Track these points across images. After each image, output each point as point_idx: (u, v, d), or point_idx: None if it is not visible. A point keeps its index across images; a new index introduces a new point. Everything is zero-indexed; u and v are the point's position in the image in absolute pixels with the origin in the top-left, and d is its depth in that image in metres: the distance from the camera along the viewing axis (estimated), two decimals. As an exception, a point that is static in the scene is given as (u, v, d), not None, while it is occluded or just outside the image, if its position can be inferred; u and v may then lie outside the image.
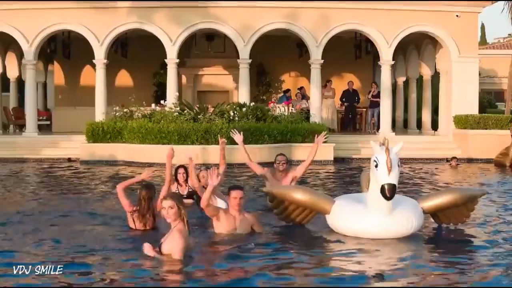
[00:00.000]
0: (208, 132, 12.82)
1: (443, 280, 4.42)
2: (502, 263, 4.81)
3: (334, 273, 4.66)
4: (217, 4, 15.80)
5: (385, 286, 4.27)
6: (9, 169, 13.03)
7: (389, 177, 5.12)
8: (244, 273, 4.61)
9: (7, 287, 4.33)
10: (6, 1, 15.66)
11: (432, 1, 16.22)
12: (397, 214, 5.35)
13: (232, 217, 5.70)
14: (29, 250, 5.32)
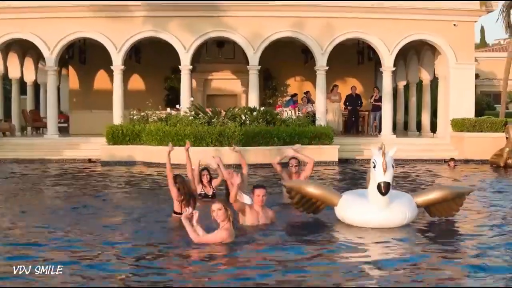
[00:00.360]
0: (221, 134, 13.80)
1: (434, 269, 5.37)
2: (485, 252, 5.75)
3: (338, 257, 5.64)
4: (228, 13, 16.76)
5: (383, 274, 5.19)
6: (37, 169, 14.03)
7: (385, 176, 6.10)
8: (263, 255, 5.58)
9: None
10: (29, 11, 16.63)
11: (431, 11, 17.16)
12: (393, 207, 6.33)
13: (256, 212, 6.64)
14: (95, 240, 6.29)
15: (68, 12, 16.71)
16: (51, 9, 16.62)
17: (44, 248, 5.84)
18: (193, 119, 14.58)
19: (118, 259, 5.46)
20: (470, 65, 17.46)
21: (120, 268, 5.19)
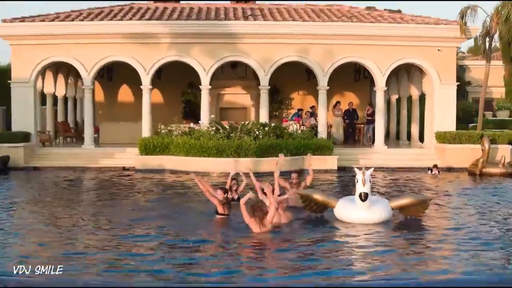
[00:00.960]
0: (239, 147, 16.41)
1: (403, 253, 8.00)
2: (441, 240, 8.38)
3: (335, 240, 8.28)
4: (243, 41, 19.37)
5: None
6: (79, 177, 16.65)
7: (364, 188, 8.74)
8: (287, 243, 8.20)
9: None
10: (71, 38, 19.24)
11: (418, 38, 19.76)
12: (373, 209, 8.95)
13: (278, 214, 9.18)
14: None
15: (104, 39, 19.30)
16: (89, 36, 19.22)
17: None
18: (214, 134, 17.18)
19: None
20: (452, 85, 20.07)
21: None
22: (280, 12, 21.20)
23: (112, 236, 8.59)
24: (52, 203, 11.88)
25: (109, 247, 7.93)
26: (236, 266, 6.98)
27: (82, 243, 8.16)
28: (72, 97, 25.89)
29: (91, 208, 11.29)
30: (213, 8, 21.92)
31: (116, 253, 7.61)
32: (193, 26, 19.30)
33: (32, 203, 11.82)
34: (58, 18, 19.85)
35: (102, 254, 7.50)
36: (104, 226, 9.36)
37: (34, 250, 7.79)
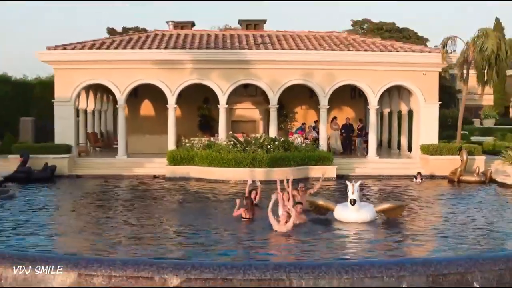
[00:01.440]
0: (254, 159, 19.56)
1: (388, 244, 11.18)
2: (415, 235, 11.56)
3: (334, 235, 11.45)
4: (255, 66, 22.56)
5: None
6: (118, 184, 19.81)
7: (353, 196, 11.91)
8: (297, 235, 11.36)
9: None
10: (107, 63, 22.39)
11: (406, 63, 22.94)
12: (361, 212, 12.10)
13: (296, 217, 12.30)
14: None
15: (135, 64, 22.47)
16: (122, 62, 22.40)
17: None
18: (232, 147, 20.34)
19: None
20: (435, 104, 23.26)
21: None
22: (286, 39, 24.40)
23: (172, 228, 11.80)
24: (110, 206, 15.08)
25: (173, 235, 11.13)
26: (256, 247, 10.18)
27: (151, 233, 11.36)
28: (98, 110, 29.07)
29: (142, 208, 14.50)
30: (228, 35, 25.13)
31: (184, 238, 10.80)
32: (212, 54, 22.49)
33: (93, 205, 15.01)
34: (94, 45, 23.03)
35: (171, 239, 10.69)
36: (155, 222, 12.57)
37: (125, 239, 10.96)
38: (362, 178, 20.46)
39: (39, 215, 13.65)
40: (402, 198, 16.36)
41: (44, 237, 11.21)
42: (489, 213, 14.24)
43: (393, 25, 55.05)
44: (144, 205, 15.32)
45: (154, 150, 23.87)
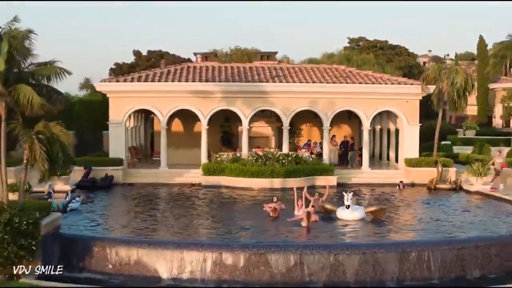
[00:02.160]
0: (273, 171, 25.04)
1: (376, 235, 16.73)
2: (399, 228, 17.11)
3: (336, 230, 17.02)
4: (272, 96, 28.05)
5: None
6: (164, 190, 25.30)
7: (347, 202, 17.49)
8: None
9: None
10: (153, 94, 27.83)
11: (392, 93, 28.46)
12: (354, 213, 17.65)
13: (312, 215, 17.80)
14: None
15: (175, 94, 27.92)
16: (164, 92, 27.88)
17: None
18: (254, 161, 25.83)
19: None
20: (416, 125, 28.78)
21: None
22: (295, 72, 29.95)
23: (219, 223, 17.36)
24: (165, 206, 20.60)
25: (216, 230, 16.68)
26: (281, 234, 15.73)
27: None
28: (137, 127, 34.54)
29: (188, 207, 20.05)
30: (247, 68, 30.67)
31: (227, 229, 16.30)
32: (237, 86, 28.01)
33: (151, 206, 20.54)
34: (141, 78, 28.51)
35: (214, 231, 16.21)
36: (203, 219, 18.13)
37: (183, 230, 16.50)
38: (357, 185, 26.31)
39: (111, 213, 19.31)
40: (387, 202, 21.92)
41: (121, 228, 16.83)
42: (452, 212, 19.89)
43: (386, 43, 60.65)
44: (189, 205, 20.97)
45: (186, 161, 29.39)
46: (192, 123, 31.99)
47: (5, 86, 14.63)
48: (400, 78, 29.53)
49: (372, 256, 14.24)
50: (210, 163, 27.09)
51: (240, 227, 17.15)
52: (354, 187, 25.65)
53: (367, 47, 59.19)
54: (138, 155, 32.80)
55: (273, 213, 18.38)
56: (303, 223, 16.79)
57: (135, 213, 19.87)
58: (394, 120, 30.50)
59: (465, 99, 28.17)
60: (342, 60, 51.02)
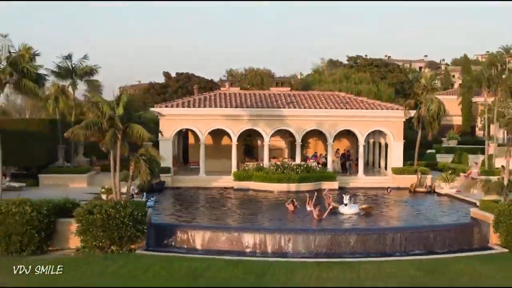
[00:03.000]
0: (290, 178, 32.80)
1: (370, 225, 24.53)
2: (388, 221, 24.91)
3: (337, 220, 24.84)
4: (287, 119, 35.86)
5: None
6: (206, 192, 33.05)
7: (345, 201, 25.41)
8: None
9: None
10: (194, 117, 35.56)
11: (382, 117, 36.22)
12: (351, 209, 25.45)
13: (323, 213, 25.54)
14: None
15: (211, 116, 35.71)
16: (203, 115, 35.65)
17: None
18: (275, 170, 33.59)
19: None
20: (400, 142, 36.58)
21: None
22: (305, 98, 37.74)
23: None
24: (207, 203, 28.38)
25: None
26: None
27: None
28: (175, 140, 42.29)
29: (224, 204, 27.81)
30: (267, 94, 38.46)
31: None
32: (260, 111, 35.79)
33: (196, 204, 28.33)
34: (183, 104, 36.25)
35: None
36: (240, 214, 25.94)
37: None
38: (354, 189, 33.99)
39: (174, 209, 27.13)
40: (377, 202, 29.67)
41: (185, 217, 24.62)
42: (423, 209, 27.71)
43: (381, 61, 68.42)
44: (225, 203, 28.77)
45: (215, 169, 37.10)
46: (220, 138, 39.70)
47: (122, 125, 22.35)
48: (388, 104, 37.37)
49: (362, 236, 21.98)
50: (240, 171, 34.86)
51: (272, 218, 24.91)
52: (352, 190, 33.40)
53: (364, 65, 66.83)
54: (177, 164, 40.55)
55: (292, 209, 26.12)
56: (315, 215, 24.56)
57: (188, 208, 27.64)
58: (384, 136, 38.26)
59: (439, 122, 35.94)
60: (342, 78, 58.62)
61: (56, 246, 22.00)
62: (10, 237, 20.88)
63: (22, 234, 20.84)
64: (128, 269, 18.51)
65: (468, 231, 23.41)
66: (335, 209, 26.19)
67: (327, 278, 17.49)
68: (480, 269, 18.76)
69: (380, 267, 18.78)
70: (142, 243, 21.72)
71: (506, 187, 23.99)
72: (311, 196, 26.76)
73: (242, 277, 17.52)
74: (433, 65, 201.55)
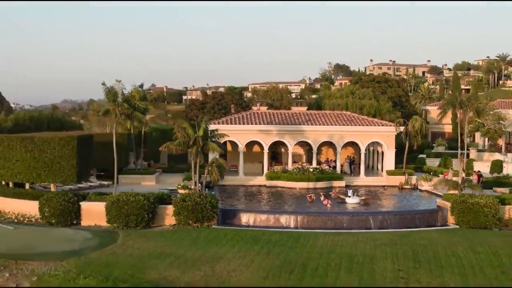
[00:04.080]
0: (309, 178, 44.05)
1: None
2: (381, 208, 36.15)
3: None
4: (306, 133, 47.11)
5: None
6: (246, 190, 44.35)
7: (349, 194, 36.85)
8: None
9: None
10: (235, 130, 46.88)
11: (378, 132, 47.39)
12: (354, 200, 36.66)
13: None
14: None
15: (248, 131, 47.00)
16: (241, 130, 46.94)
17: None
18: (297, 172, 44.87)
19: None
20: (393, 150, 47.80)
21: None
22: (319, 116, 49.06)
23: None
24: (245, 197, 39.67)
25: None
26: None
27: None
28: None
29: (259, 198, 39.15)
30: (290, 114, 49.76)
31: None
32: (286, 127, 47.09)
33: (238, 197, 39.62)
34: (227, 121, 47.54)
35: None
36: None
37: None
38: (357, 186, 45.19)
39: (226, 200, 38.44)
40: (372, 195, 40.89)
41: (236, 205, 36.02)
42: (406, 201, 38.98)
43: (381, 78, 79.50)
44: (261, 196, 40.08)
45: (249, 171, 48.34)
46: (252, 146, 50.91)
47: (201, 143, 33.66)
48: (383, 122, 48.56)
49: (360, 217, 33.20)
50: (270, 172, 46.14)
51: (297, 206, 36.20)
52: (355, 187, 44.51)
53: (367, 81, 77.93)
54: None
55: (311, 200, 37.32)
56: (328, 206, 35.77)
57: (236, 199, 38.93)
58: (381, 145, 49.39)
59: (421, 136, 47.05)
60: (348, 94, 69.70)
61: (156, 224, 33.29)
62: (129, 217, 32.17)
63: (137, 215, 32.15)
64: (212, 235, 29.73)
65: (433, 214, 34.64)
66: (342, 200, 37.35)
67: (338, 240, 28.62)
68: (435, 236, 29.90)
69: (372, 235, 30.00)
70: (214, 221, 32.96)
71: (460, 184, 35.17)
72: (325, 194, 37.98)
73: (286, 239, 28.69)
74: (435, 69, 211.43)
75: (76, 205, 33.68)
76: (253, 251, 25.65)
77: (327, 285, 20.82)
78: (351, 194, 37.14)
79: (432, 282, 21.23)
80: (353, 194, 37.39)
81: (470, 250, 26.07)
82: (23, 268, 22.26)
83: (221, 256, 24.62)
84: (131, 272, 22.13)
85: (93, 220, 33.37)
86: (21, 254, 24.51)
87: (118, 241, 28.16)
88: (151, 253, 25.30)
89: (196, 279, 21.42)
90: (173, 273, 22.12)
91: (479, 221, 32.31)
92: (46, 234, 29.84)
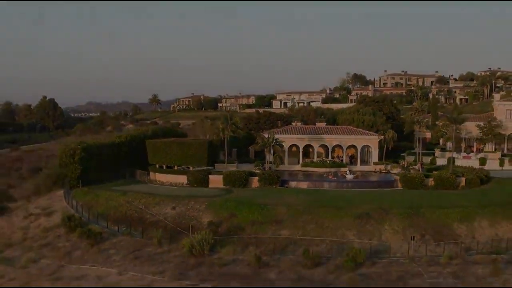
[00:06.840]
0: (326, 166, 76.34)
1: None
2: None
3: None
4: (325, 140, 79.46)
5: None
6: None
7: (347, 173, 69.24)
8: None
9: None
10: (282, 138, 79.32)
11: (369, 138, 79.41)
12: (350, 176, 68.91)
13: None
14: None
15: (290, 138, 79.44)
16: (286, 137, 79.49)
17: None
18: (320, 162, 77.25)
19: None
20: (377, 150, 79.79)
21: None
22: (333, 129, 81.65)
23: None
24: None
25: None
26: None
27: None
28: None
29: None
30: (316, 127, 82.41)
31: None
32: (312, 136, 79.59)
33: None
34: (279, 132, 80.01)
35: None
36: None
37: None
38: (355, 171, 77.49)
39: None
40: (363, 174, 73.11)
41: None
42: (381, 178, 71.36)
43: (379, 98, 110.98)
44: (300, 175, 72.76)
45: (291, 162, 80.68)
46: (292, 147, 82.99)
47: (270, 143, 66.30)
48: (371, 132, 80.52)
49: (354, 183, 65.47)
50: (304, 163, 78.57)
51: (323, 181, 68.60)
52: (354, 171, 76.19)
53: (368, 101, 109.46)
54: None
55: (331, 176, 69.49)
56: (334, 179, 67.90)
57: (285, 176, 71.40)
58: (369, 147, 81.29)
59: (393, 142, 78.97)
60: (354, 111, 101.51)
61: (248, 186, 65.93)
62: (235, 181, 65.27)
63: (239, 180, 65.17)
64: (276, 190, 62.68)
65: (390, 182, 66.90)
66: (344, 177, 69.51)
67: (347, 192, 60.87)
68: (388, 192, 61.97)
69: (358, 191, 62.25)
70: (278, 184, 65.45)
71: (406, 168, 67.34)
72: (333, 174, 70.09)
73: (314, 191, 61.08)
74: (442, 80, 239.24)
75: (206, 176, 66.63)
76: (298, 195, 58.29)
77: (332, 205, 53.29)
78: (349, 173, 69.26)
79: (376, 206, 53.54)
80: (350, 173, 69.48)
81: (404, 195, 58.52)
82: (198, 200, 55.55)
83: (283, 196, 57.47)
84: (247, 201, 54.91)
85: (216, 184, 66.20)
86: (192, 196, 57.66)
87: (233, 192, 61.05)
88: (252, 195, 58.11)
89: (274, 202, 54.26)
90: (265, 200, 54.85)
91: (413, 185, 64.44)
92: (198, 191, 63.26)
